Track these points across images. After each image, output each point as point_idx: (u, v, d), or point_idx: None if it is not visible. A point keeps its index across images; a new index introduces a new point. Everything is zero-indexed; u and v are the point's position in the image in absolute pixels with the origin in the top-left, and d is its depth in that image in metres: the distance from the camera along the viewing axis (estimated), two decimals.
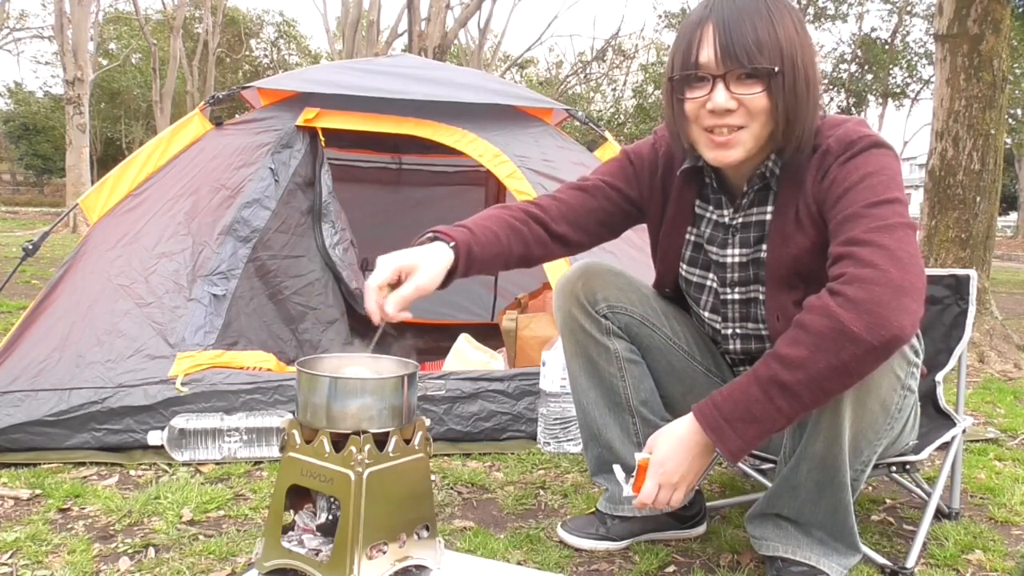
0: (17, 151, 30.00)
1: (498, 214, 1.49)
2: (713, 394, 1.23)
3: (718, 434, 1.20)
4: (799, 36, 1.27)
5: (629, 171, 1.57)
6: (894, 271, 1.12)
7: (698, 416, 1.23)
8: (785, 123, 1.28)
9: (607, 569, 1.53)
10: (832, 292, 1.15)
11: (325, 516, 1.34)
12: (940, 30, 4.41)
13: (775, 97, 1.26)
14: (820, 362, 1.12)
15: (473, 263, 1.41)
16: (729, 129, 1.29)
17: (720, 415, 1.20)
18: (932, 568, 1.56)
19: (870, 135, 1.29)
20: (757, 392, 1.17)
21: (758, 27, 1.24)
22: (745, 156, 1.32)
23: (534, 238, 1.51)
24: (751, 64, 1.24)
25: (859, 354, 1.11)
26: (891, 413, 1.31)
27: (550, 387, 2.28)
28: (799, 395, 1.14)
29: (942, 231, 4.32)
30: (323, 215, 2.75)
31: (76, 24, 12.29)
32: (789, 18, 1.26)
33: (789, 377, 1.14)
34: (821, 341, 1.12)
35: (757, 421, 1.17)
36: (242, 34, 28.96)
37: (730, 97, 1.26)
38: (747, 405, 1.17)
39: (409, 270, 1.31)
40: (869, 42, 20.67)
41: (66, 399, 2.12)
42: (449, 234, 1.38)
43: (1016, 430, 2.74)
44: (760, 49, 1.23)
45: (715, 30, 1.25)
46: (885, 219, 1.18)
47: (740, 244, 1.45)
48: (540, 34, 63.47)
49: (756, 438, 1.18)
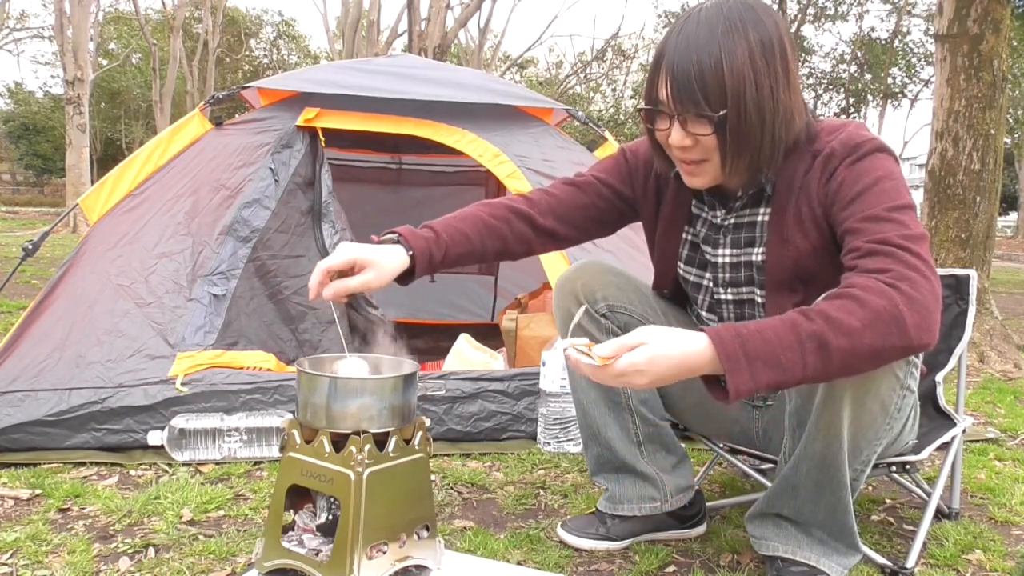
0: (17, 151, 30.01)
1: (475, 212, 1.51)
2: (736, 325, 1.15)
3: (733, 365, 1.10)
4: (753, 64, 1.23)
5: (624, 168, 1.58)
6: (935, 284, 1.15)
7: (715, 341, 1.12)
8: (735, 157, 1.28)
9: (607, 569, 1.53)
10: (885, 282, 1.13)
11: (325, 516, 1.34)
12: (940, 30, 4.41)
13: (720, 138, 1.27)
14: (867, 338, 1.10)
15: (435, 266, 1.43)
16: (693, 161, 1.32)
17: (743, 349, 1.11)
18: (932, 568, 1.56)
19: (873, 138, 1.30)
20: (791, 341, 1.11)
21: (704, 70, 1.22)
22: (713, 182, 1.36)
23: (514, 234, 1.52)
24: (695, 110, 1.25)
25: (899, 347, 1.11)
26: (890, 413, 1.31)
27: (550, 387, 2.28)
28: (831, 360, 1.11)
29: (942, 231, 4.32)
30: (323, 215, 2.75)
31: (76, 24, 12.28)
32: (743, 47, 1.23)
33: (833, 340, 1.10)
34: (877, 320, 1.10)
35: (779, 368, 1.11)
36: (242, 34, 28.97)
37: (685, 136, 1.29)
38: (777, 349, 1.11)
39: (363, 265, 1.33)
40: (869, 42, 20.67)
41: (66, 399, 2.12)
42: (409, 240, 1.40)
43: (1016, 430, 2.74)
44: (706, 94, 1.23)
45: (666, 72, 1.26)
46: (911, 228, 1.19)
47: (731, 244, 1.45)
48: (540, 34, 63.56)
49: (766, 385, 1.12)
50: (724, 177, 1.35)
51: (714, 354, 1.11)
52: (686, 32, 1.25)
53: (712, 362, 1.12)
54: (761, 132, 1.26)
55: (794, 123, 1.30)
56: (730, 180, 1.39)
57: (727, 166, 1.31)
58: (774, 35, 1.26)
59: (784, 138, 1.29)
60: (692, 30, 1.25)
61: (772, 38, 1.25)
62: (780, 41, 1.26)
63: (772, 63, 1.25)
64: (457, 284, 4.37)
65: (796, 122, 1.30)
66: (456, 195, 4.35)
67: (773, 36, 1.25)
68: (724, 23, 1.23)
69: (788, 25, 15.57)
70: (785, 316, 1.13)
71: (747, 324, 1.14)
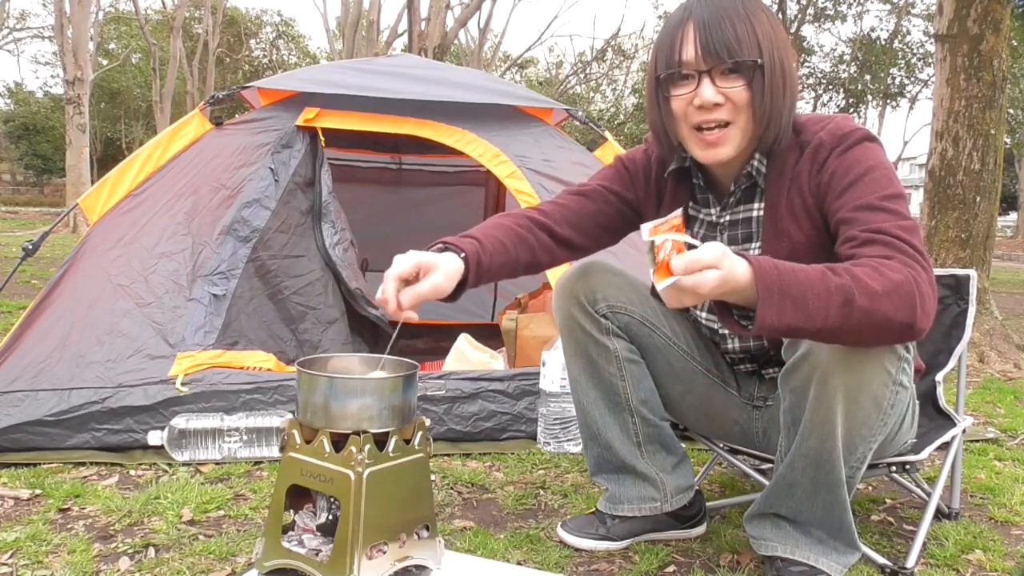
0: (17, 151, 29.97)
1: (503, 222, 1.49)
2: (777, 260, 1.15)
3: (767, 295, 1.11)
4: (775, 32, 1.31)
5: (624, 175, 1.59)
6: (932, 275, 1.19)
7: (756, 268, 1.12)
8: (766, 116, 1.31)
9: (607, 569, 1.53)
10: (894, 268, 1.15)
11: (325, 516, 1.34)
12: (940, 30, 4.41)
13: (755, 90, 1.30)
14: (883, 305, 1.12)
15: (482, 274, 1.40)
16: (718, 125, 1.33)
17: (779, 282, 1.11)
18: (932, 568, 1.56)
19: (860, 128, 1.34)
20: (822, 288, 1.12)
21: (736, 24, 1.28)
22: (735, 152, 1.36)
23: (540, 245, 1.51)
24: (732, 59, 1.28)
25: (904, 324, 1.14)
26: (883, 409, 1.31)
27: (550, 387, 2.28)
28: (849, 316, 1.12)
29: (942, 231, 4.32)
30: (323, 215, 2.75)
31: (76, 24, 12.28)
32: (764, 16, 1.31)
33: (858, 298, 1.12)
34: (896, 291, 1.13)
35: (805, 312, 1.11)
36: (242, 34, 28.94)
37: (717, 91, 1.30)
38: (808, 293, 1.12)
39: (428, 268, 1.29)
40: (868, 43, 20.66)
41: (66, 399, 2.12)
42: (459, 245, 1.37)
43: (1016, 430, 2.74)
44: (740, 44, 1.28)
45: (696, 29, 1.30)
46: (905, 217, 1.23)
47: (728, 241, 1.46)
48: (540, 34, 63.42)
49: (788, 326, 1.12)
50: (745, 145, 1.36)
51: (752, 280, 1.11)
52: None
53: (748, 287, 1.12)
54: (784, 94, 1.32)
55: (796, 102, 1.36)
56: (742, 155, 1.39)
57: (757, 124, 1.32)
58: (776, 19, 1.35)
59: (792, 112, 1.34)
60: None
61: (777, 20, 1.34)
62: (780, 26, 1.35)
63: (783, 37, 1.34)
64: None
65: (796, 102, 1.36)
66: (456, 195, 4.35)
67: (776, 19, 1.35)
68: None
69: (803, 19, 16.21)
70: (815, 266, 1.14)
71: (785, 262, 1.14)
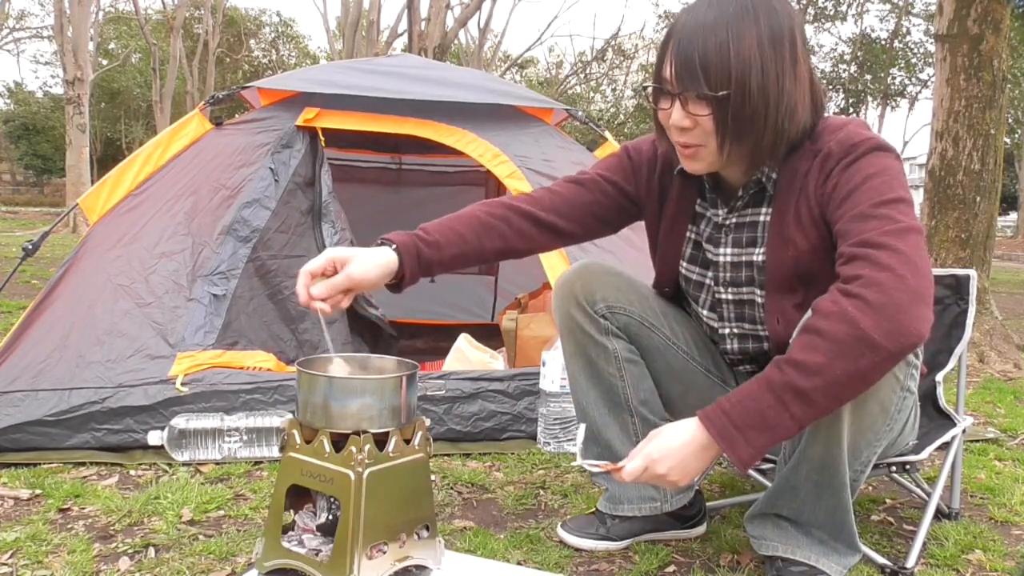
0: (17, 151, 29.96)
1: (471, 212, 1.51)
2: (720, 400, 1.19)
3: (729, 442, 1.16)
4: (761, 50, 1.23)
5: (627, 166, 1.58)
6: (911, 277, 1.12)
7: (705, 423, 1.19)
8: (741, 140, 1.27)
9: (607, 569, 1.53)
10: (848, 295, 1.13)
11: (325, 516, 1.34)
12: (940, 30, 4.41)
13: (719, 120, 1.26)
14: (838, 368, 1.11)
15: (427, 265, 1.43)
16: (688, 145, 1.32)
17: (731, 422, 1.16)
18: (932, 568, 1.56)
19: (872, 138, 1.29)
20: (770, 399, 1.14)
21: (709, 50, 1.22)
22: (709, 169, 1.36)
23: (515, 232, 1.51)
24: (696, 89, 1.25)
25: (877, 361, 1.11)
26: (890, 414, 1.31)
27: (550, 387, 2.28)
28: (815, 401, 1.13)
29: (942, 231, 4.32)
30: (323, 215, 2.75)
31: (76, 24, 12.28)
32: (752, 32, 1.23)
33: (806, 383, 1.12)
34: (839, 347, 1.10)
35: (770, 428, 1.14)
36: (242, 34, 28.95)
37: (685, 116, 1.28)
38: (760, 412, 1.14)
39: (343, 261, 1.33)
40: (868, 42, 20.67)
41: (66, 399, 2.12)
42: (391, 239, 1.41)
43: (1016, 430, 2.74)
44: (707, 73, 1.23)
45: (673, 49, 1.27)
46: (896, 221, 1.18)
47: (732, 244, 1.45)
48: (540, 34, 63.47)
49: (767, 445, 1.16)
50: (722, 164, 1.34)
51: (708, 435, 1.18)
52: (697, 12, 1.26)
53: (711, 441, 1.18)
54: (764, 120, 1.26)
55: (797, 115, 1.29)
56: (730, 170, 1.39)
57: (724, 152, 1.30)
58: (785, 25, 1.26)
59: (787, 129, 1.29)
60: (703, 11, 1.26)
61: (783, 28, 1.25)
62: (791, 32, 1.26)
63: (780, 52, 1.25)
64: (457, 284, 4.37)
65: (800, 114, 1.29)
66: (456, 195, 4.36)
67: (784, 26, 1.25)
68: (736, 7, 1.24)
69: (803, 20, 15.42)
70: (761, 375, 1.17)
71: (729, 396, 1.19)
